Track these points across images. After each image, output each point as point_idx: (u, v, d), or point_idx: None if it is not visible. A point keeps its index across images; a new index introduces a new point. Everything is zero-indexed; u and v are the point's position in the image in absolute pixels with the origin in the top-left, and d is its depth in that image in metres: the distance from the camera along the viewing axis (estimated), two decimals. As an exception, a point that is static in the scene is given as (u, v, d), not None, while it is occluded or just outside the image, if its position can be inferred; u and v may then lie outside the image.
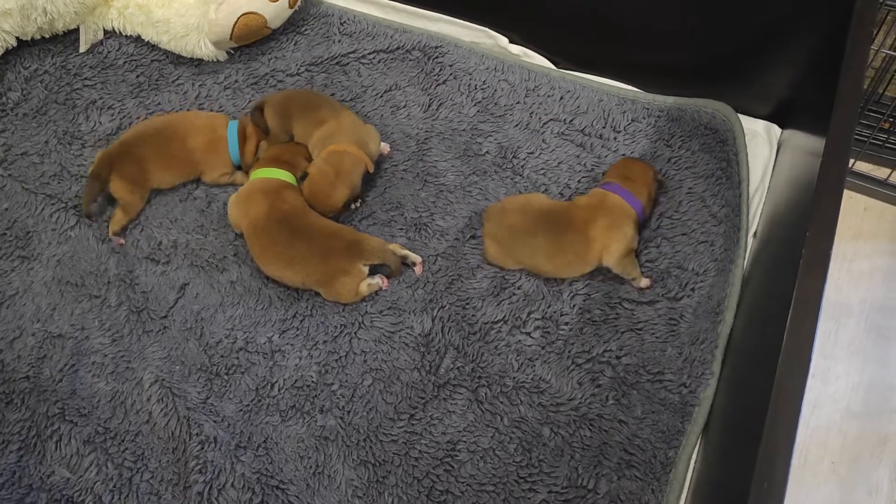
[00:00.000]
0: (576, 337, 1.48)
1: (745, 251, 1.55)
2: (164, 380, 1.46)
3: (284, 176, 1.60)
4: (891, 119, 1.90)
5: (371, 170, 1.62)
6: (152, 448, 1.41)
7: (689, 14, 1.66)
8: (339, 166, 1.57)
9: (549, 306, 1.52)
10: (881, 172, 1.90)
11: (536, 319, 1.51)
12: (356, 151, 1.59)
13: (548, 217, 1.51)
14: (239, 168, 1.70)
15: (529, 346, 1.48)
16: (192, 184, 1.70)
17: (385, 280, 1.55)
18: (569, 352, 1.47)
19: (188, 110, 1.79)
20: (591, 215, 1.50)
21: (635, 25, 1.73)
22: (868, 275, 1.81)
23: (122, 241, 1.63)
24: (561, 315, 1.51)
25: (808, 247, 1.09)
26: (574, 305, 1.51)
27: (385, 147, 1.71)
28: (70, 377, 1.48)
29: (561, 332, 1.49)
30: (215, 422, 1.43)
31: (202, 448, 1.39)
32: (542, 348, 1.48)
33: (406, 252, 1.55)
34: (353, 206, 1.63)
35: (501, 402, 1.43)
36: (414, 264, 1.56)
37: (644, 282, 1.51)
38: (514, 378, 1.45)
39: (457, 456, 1.39)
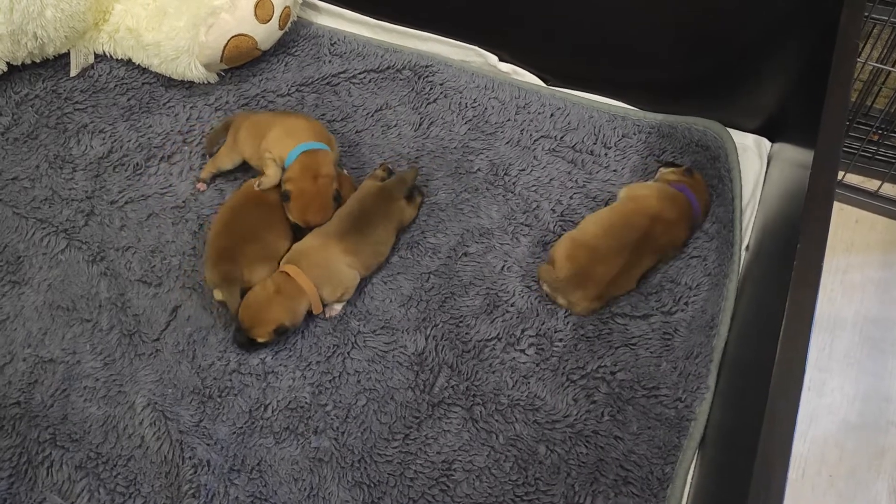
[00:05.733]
0: (570, 353, 1.48)
1: (739, 265, 1.55)
2: (156, 403, 1.45)
3: None
4: (879, 131, 1.90)
5: (316, 311, 1.50)
6: (145, 472, 1.40)
7: (677, 31, 1.67)
8: (285, 290, 1.46)
9: (543, 323, 1.51)
10: (871, 184, 1.90)
11: (530, 336, 1.50)
12: (307, 288, 1.46)
13: (630, 245, 1.49)
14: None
15: (524, 363, 1.48)
16: (184, 207, 1.69)
17: None
18: (563, 368, 1.46)
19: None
20: (677, 220, 1.53)
21: (624, 43, 1.74)
22: (861, 287, 1.81)
23: (205, 187, 1.71)
24: (555, 332, 1.50)
25: (800, 259, 1.09)
26: (568, 322, 1.51)
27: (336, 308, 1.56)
28: (61, 402, 1.47)
29: (555, 348, 1.49)
30: (208, 445, 1.42)
31: (195, 472, 1.38)
32: (537, 365, 1.47)
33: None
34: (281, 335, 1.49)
35: (496, 421, 1.42)
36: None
37: None
38: (508, 396, 1.45)
39: (452, 475, 1.38)
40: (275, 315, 1.45)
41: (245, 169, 1.70)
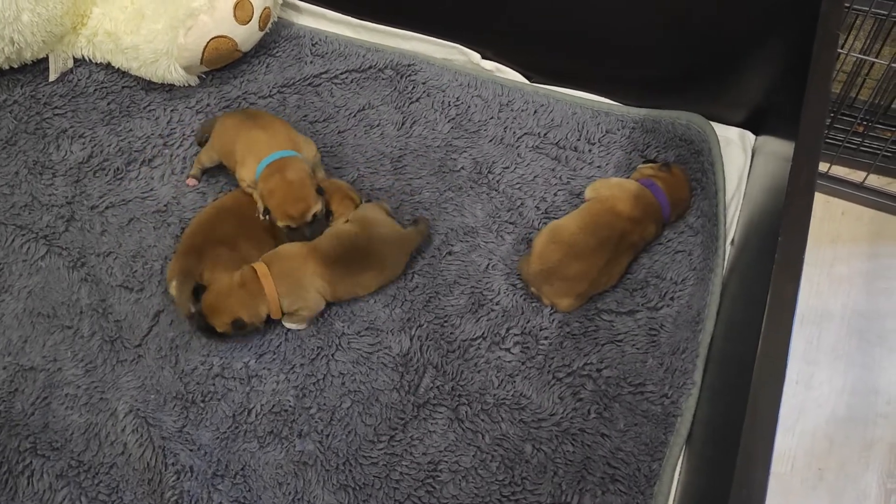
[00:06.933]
0: (556, 351, 1.47)
1: (724, 259, 1.54)
2: (138, 409, 1.44)
3: None
4: (864, 122, 1.90)
5: (275, 316, 1.47)
6: (127, 480, 1.38)
7: (660, 26, 1.66)
8: (249, 286, 1.44)
9: (528, 321, 1.50)
10: (857, 176, 1.90)
11: (516, 335, 1.49)
12: (268, 291, 1.43)
13: (606, 242, 1.48)
14: None
15: (509, 362, 1.47)
16: (166, 211, 1.68)
17: None
18: (549, 366, 1.45)
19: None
20: (641, 218, 1.51)
21: (606, 39, 1.73)
22: (848, 279, 1.80)
23: (195, 182, 1.71)
24: (540, 330, 1.49)
25: (782, 250, 1.08)
26: (553, 319, 1.50)
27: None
28: (42, 410, 1.45)
29: (541, 346, 1.48)
30: (191, 450, 1.40)
31: (178, 478, 1.36)
32: (522, 364, 1.46)
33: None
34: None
35: (482, 420, 1.41)
36: None
37: None
38: (494, 395, 1.43)
39: (438, 476, 1.37)
40: (233, 307, 1.43)
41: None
